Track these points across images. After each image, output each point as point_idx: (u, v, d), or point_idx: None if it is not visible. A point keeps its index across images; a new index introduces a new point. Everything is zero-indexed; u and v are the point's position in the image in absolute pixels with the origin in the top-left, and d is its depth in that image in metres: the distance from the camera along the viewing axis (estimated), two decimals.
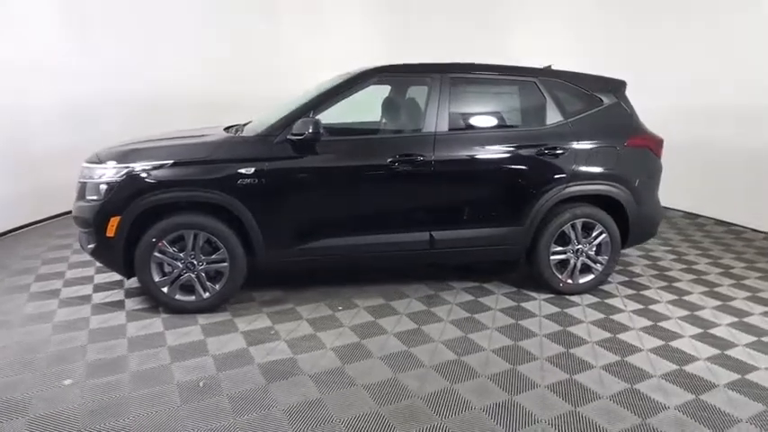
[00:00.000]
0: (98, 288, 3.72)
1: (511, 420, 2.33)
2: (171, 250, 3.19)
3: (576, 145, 3.60)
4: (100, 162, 3.22)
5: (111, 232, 3.11)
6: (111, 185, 3.12)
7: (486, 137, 3.57)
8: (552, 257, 3.71)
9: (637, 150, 3.74)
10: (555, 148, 3.56)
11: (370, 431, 2.23)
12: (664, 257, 4.83)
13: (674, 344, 3.11)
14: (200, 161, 3.17)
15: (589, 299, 3.78)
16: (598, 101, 3.76)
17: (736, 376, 2.76)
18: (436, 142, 3.43)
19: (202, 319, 3.26)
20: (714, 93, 5.90)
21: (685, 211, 6.66)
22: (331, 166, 3.31)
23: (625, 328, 3.31)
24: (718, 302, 3.77)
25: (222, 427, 2.23)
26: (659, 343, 3.12)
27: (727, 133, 5.92)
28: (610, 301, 3.75)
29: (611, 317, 3.48)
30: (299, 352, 2.90)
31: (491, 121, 3.68)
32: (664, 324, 3.39)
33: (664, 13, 6.40)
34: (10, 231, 4.91)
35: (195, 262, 3.24)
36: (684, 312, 3.58)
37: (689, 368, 2.83)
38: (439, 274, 4.10)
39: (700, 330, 3.30)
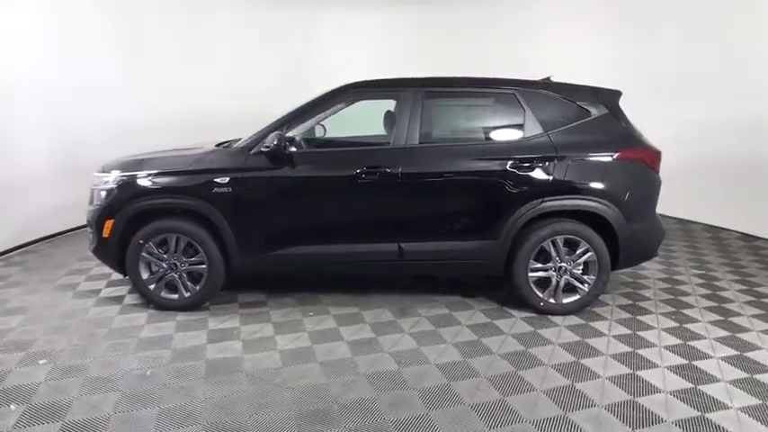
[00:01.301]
0: (111, 284, 4.15)
1: None
2: (157, 251, 3.52)
3: (555, 158, 3.45)
4: (104, 171, 3.65)
5: (106, 233, 3.50)
6: (109, 191, 3.52)
7: (457, 150, 3.53)
8: (531, 274, 3.56)
9: (628, 164, 3.50)
10: (530, 161, 3.44)
11: (268, 430, 2.33)
12: (688, 281, 4.42)
13: (642, 373, 2.87)
14: (181, 171, 3.48)
15: (573, 320, 3.57)
16: (585, 112, 3.57)
17: (693, 413, 2.49)
18: (404, 155, 3.47)
19: (181, 317, 3.54)
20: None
21: (741, 232, 6.04)
22: (299, 177, 3.46)
23: (594, 353, 3.10)
24: (725, 333, 3.39)
25: (147, 414, 2.44)
26: (624, 371, 2.89)
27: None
28: (596, 323, 3.52)
29: (586, 340, 3.27)
30: (249, 352, 3.06)
31: (464, 134, 3.64)
32: (643, 352, 3.12)
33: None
34: (65, 232, 5.63)
35: (177, 263, 3.54)
36: (676, 341, 3.27)
37: (642, 400, 2.60)
38: (427, 286, 4.08)
39: (683, 362, 3.01)
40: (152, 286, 3.57)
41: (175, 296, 3.60)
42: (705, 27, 6.16)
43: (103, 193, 3.54)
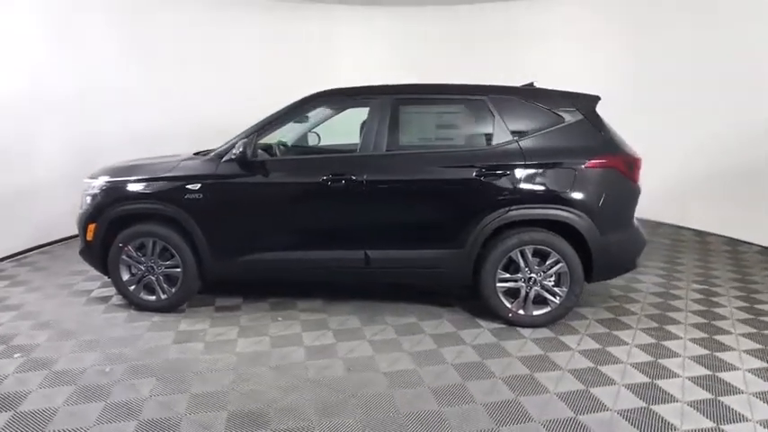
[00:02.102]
0: (104, 284, 4.35)
1: None
2: (135, 254, 3.69)
3: (523, 166, 3.38)
4: (92, 178, 3.86)
5: (90, 236, 3.71)
6: (93, 197, 3.72)
7: (424, 157, 3.52)
8: (499, 285, 3.50)
9: (601, 172, 3.38)
10: (497, 169, 3.39)
11: (210, 426, 2.40)
12: (684, 295, 4.20)
13: (595, 390, 2.75)
14: (156, 178, 3.64)
15: (542, 333, 3.47)
16: (558, 118, 3.48)
17: None
18: (370, 163, 3.49)
19: (157, 317, 3.69)
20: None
21: (763, 246, 5.69)
22: (266, 184, 3.55)
23: (552, 368, 3.00)
24: (703, 352, 3.21)
25: (93, 407, 2.56)
26: (578, 387, 2.78)
27: None
28: (565, 337, 3.41)
29: (548, 354, 3.18)
30: (208, 353, 3.15)
31: (432, 142, 3.62)
32: (605, 368, 3.00)
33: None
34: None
35: (154, 266, 3.70)
36: (646, 358, 3.12)
37: (584, 418, 2.50)
38: (405, 294, 4.05)
39: (644, 380, 2.87)
40: (132, 287, 3.75)
41: (153, 298, 3.75)
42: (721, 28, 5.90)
43: (89, 199, 3.75)
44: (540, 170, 3.38)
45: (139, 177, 3.67)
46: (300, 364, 3.03)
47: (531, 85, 3.92)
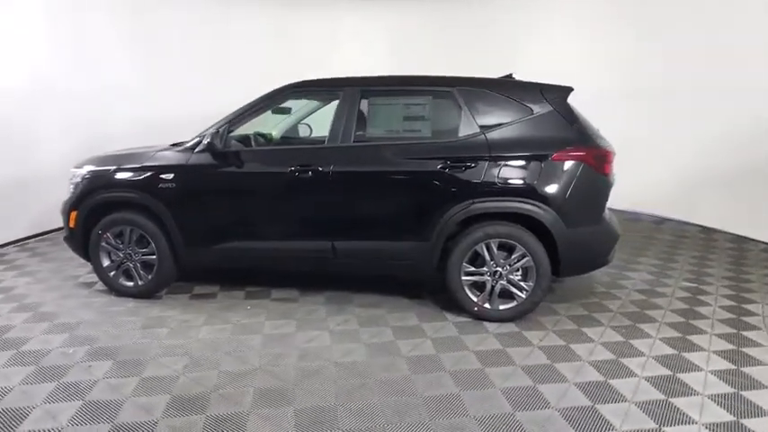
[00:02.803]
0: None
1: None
2: (114, 242, 3.81)
3: (487, 158, 3.32)
4: (77, 167, 4.00)
5: (72, 224, 3.85)
6: (76, 185, 3.85)
7: (389, 149, 3.49)
8: (465, 278, 3.46)
9: (567, 164, 3.28)
10: (461, 162, 3.34)
11: (151, 409, 2.47)
12: (670, 293, 4.06)
13: (543, 387, 2.70)
14: (132, 168, 3.74)
15: (508, 327, 3.42)
16: (527, 110, 3.40)
17: None
18: (336, 154, 3.49)
19: (132, 303, 3.80)
20: None
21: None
22: (235, 174, 3.59)
23: (506, 363, 2.95)
24: (670, 351, 3.11)
25: (45, 388, 2.67)
26: (526, 384, 2.74)
27: None
28: (530, 332, 3.35)
29: (507, 349, 3.13)
30: (170, 338, 3.23)
31: (399, 134, 3.57)
32: (560, 365, 2.93)
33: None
34: None
35: (132, 253, 3.81)
36: (608, 356, 3.05)
37: (521, 415, 2.46)
38: (386, 285, 4.05)
39: (598, 379, 2.80)
40: (111, 273, 3.87)
41: (131, 284, 3.87)
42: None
43: (72, 187, 3.88)
44: (505, 163, 3.31)
45: (117, 167, 3.78)
46: (255, 352, 3.07)
47: (510, 76, 3.85)
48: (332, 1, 7.63)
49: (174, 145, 3.94)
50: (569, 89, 3.46)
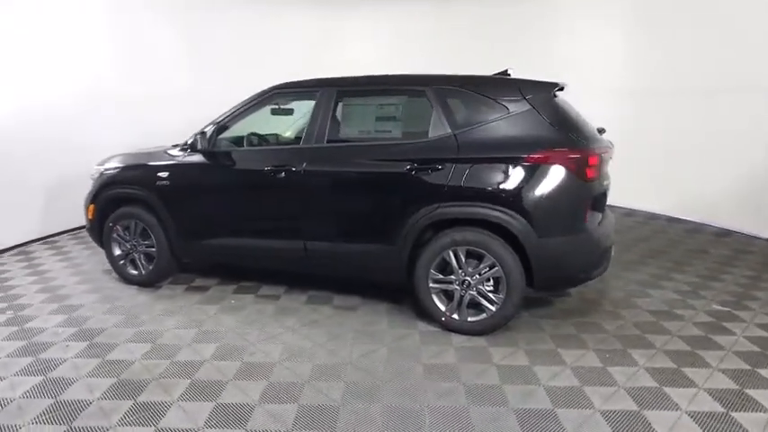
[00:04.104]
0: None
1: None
2: (123, 234, 4.15)
3: (456, 160, 3.13)
4: (99, 165, 4.41)
5: (90, 216, 4.26)
6: (95, 181, 4.26)
7: (359, 150, 3.42)
8: (432, 285, 3.30)
9: (542, 168, 2.99)
10: (428, 164, 3.18)
11: (95, 389, 2.67)
12: (690, 317, 3.56)
13: (474, 411, 2.49)
14: (137, 166, 4.04)
15: (475, 341, 3.20)
16: (502, 109, 3.15)
17: None
18: (310, 154, 3.50)
19: (135, 290, 4.10)
20: None
21: None
22: (217, 174, 3.75)
23: (452, 379, 2.77)
24: (651, 384, 2.73)
25: (22, 361, 2.98)
26: (459, 404, 2.54)
27: None
28: (497, 348, 3.11)
29: (461, 364, 2.93)
30: (143, 326, 3.44)
31: (372, 134, 3.48)
32: (508, 388, 2.69)
33: None
34: None
35: (136, 245, 4.13)
36: (569, 383, 2.74)
37: None
38: (369, 287, 3.99)
39: (545, 407, 2.52)
40: (121, 262, 4.22)
41: (136, 273, 4.19)
42: None
43: (92, 183, 4.29)
44: (474, 165, 3.10)
45: (125, 165, 4.11)
46: (212, 345, 3.18)
47: (505, 73, 3.61)
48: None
49: (175, 145, 4.20)
50: (554, 86, 3.16)
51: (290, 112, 4.32)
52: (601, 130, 3.56)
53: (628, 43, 6.67)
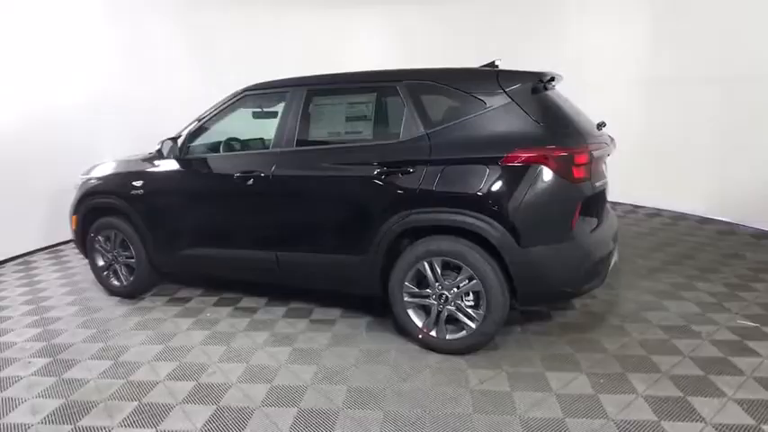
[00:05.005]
0: None
1: None
2: (104, 244, 4.06)
3: (428, 162, 2.84)
4: (83, 174, 4.34)
5: (74, 226, 4.19)
6: (77, 191, 4.19)
7: (329, 153, 3.17)
8: (407, 299, 3.01)
9: (522, 168, 2.65)
10: (399, 166, 2.90)
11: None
12: (709, 334, 3.13)
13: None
14: (113, 175, 3.94)
15: (453, 362, 2.90)
16: (479, 104, 2.83)
17: None
18: (277, 159, 3.28)
19: (115, 302, 4.00)
20: None
21: None
22: (187, 181, 3.59)
23: (415, 406, 2.48)
24: (644, 417, 2.35)
25: None
26: None
27: None
28: (476, 371, 2.80)
29: (433, 389, 2.63)
30: (117, 341, 3.31)
31: (341, 136, 3.22)
32: (479, 418, 2.38)
33: None
34: None
35: (117, 256, 4.03)
36: (550, 415, 2.40)
37: None
38: (350, 300, 3.76)
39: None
40: (104, 273, 4.14)
41: (118, 284, 4.10)
42: None
43: (75, 192, 4.23)
44: (447, 168, 2.79)
45: (106, 174, 4.02)
46: (175, 361, 3.01)
47: (492, 64, 3.28)
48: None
49: (152, 153, 4.08)
50: (538, 75, 2.82)
51: (273, 115, 4.12)
52: (601, 125, 3.18)
53: (651, 32, 6.15)
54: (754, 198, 5.36)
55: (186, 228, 3.68)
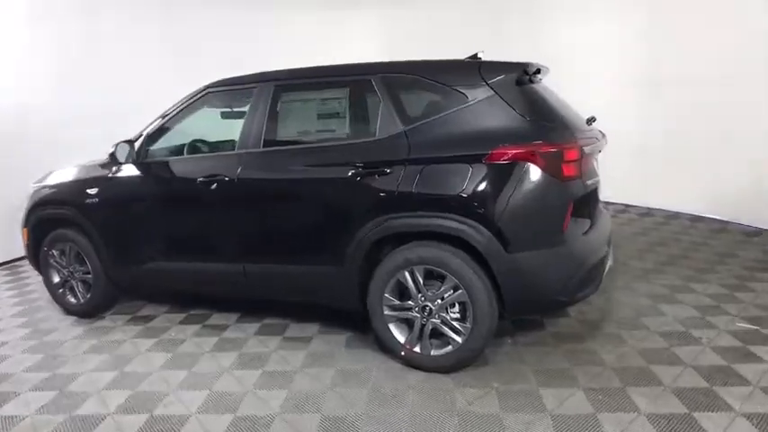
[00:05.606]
0: None
1: None
2: (58, 259, 3.72)
3: (407, 161, 2.58)
4: (36, 182, 3.99)
5: (25, 240, 3.85)
6: (28, 201, 3.84)
7: (299, 154, 2.91)
8: (388, 313, 2.75)
9: (507, 167, 2.41)
10: (375, 167, 2.64)
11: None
12: (709, 340, 2.92)
13: None
14: (65, 183, 3.61)
15: (438, 380, 2.64)
16: (460, 97, 2.59)
17: None
18: (243, 162, 3.00)
19: (70, 322, 3.67)
20: None
21: None
22: (145, 188, 3.29)
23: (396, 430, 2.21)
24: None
25: None
26: None
27: None
28: (464, 390, 2.54)
29: (418, 412, 2.37)
30: (66, 368, 2.97)
31: (312, 135, 2.97)
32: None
33: None
34: None
35: (72, 271, 3.70)
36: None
37: None
38: (332, 316, 3.46)
39: None
40: (60, 290, 3.79)
41: (75, 302, 3.76)
42: None
43: (26, 204, 3.88)
44: (426, 167, 2.54)
45: (60, 181, 3.68)
46: (135, 375, 2.73)
47: (475, 57, 3.04)
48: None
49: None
50: (522, 66, 2.59)
51: (238, 115, 3.84)
52: (590, 120, 2.97)
53: (643, 30, 6.01)
54: (746, 195, 5.22)
55: (144, 239, 3.37)
